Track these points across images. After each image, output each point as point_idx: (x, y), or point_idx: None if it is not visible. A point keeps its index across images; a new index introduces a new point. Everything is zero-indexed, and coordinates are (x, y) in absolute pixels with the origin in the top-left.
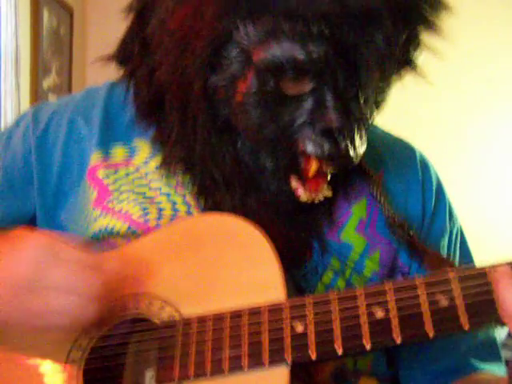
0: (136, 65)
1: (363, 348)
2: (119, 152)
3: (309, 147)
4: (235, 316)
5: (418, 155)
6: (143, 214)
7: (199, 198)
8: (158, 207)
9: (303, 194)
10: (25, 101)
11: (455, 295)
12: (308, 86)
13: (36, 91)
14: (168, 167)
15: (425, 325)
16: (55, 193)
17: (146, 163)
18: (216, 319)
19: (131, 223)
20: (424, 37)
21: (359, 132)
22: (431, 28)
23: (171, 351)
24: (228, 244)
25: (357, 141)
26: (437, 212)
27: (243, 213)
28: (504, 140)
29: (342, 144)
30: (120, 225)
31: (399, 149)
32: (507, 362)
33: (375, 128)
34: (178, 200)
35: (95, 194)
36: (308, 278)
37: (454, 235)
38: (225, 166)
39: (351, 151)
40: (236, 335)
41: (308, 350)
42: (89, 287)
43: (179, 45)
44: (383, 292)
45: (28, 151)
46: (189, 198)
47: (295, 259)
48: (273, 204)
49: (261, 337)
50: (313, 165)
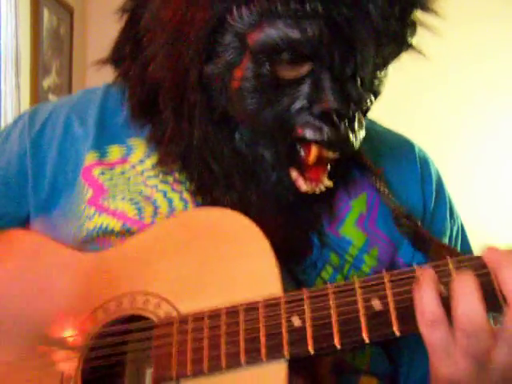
0: (128, 65)
1: (362, 341)
2: (115, 152)
3: (307, 132)
4: (231, 312)
5: (418, 151)
6: (138, 213)
7: (197, 195)
8: (154, 205)
9: (303, 185)
10: (25, 101)
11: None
12: (304, 70)
13: (36, 91)
14: (164, 165)
15: None
16: (49, 192)
17: (142, 162)
18: (212, 316)
19: (126, 221)
20: (418, 14)
21: (357, 116)
22: (425, 6)
23: (168, 349)
24: (223, 238)
25: (356, 124)
26: (437, 208)
27: (243, 208)
28: (500, 136)
29: (341, 127)
30: (114, 223)
31: (398, 145)
32: None
33: (374, 124)
34: (175, 197)
35: (90, 193)
36: (307, 273)
37: (455, 232)
38: (223, 159)
39: (350, 135)
40: (233, 331)
41: (306, 345)
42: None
43: (173, 35)
44: (381, 284)
45: (24, 151)
46: (186, 195)
47: (295, 254)
48: (273, 196)
49: (258, 332)
50: (312, 151)
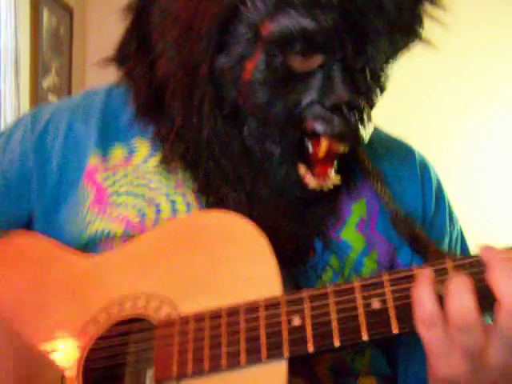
0: (134, 64)
1: (360, 339)
2: (118, 152)
3: (318, 126)
4: (232, 312)
5: (418, 156)
6: (140, 219)
7: (200, 196)
8: (157, 209)
9: (311, 181)
10: (24, 101)
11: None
12: (316, 62)
13: (36, 91)
14: (168, 165)
15: None
16: (54, 194)
17: (145, 162)
18: (213, 316)
19: (127, 226)
20: (428, 7)
21: (366, 109)
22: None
23: (169, 350)
24: (224, 240)
25: (365, 117)
26: (437, 213)
27: (249, 207)
28: (499, 138)
29: (352, 119)
30: (116, 227)
31: (398, 150)
32: None
33: (376, 129)
34: (178, 199)
35: (92, 196)
36: (308, 276)
37: (454, 238)
38: (233, 154)
39: (360, 127)
40: (233, 331)
41: (306, 343)
42: None
43: (184, 28)
44: (380, 283)
45: (26, 153)
46: (189, 197)
47: (299, 256)
48: (281, 193)
49: (258, 332)
50: (323, 144)
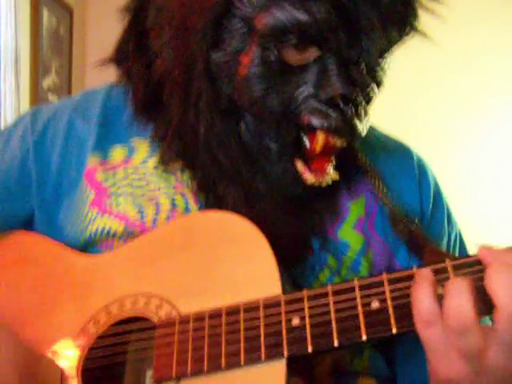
0: (132, 63)
1: (359, 339)
2: (118, 153)
3: (314, 119)
4: (231, 312)
5: (415, 157)
6: (140, 216)
7: (199, 194)
8: (156, 207)
9: (309, 176)
10: (25, 101)
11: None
12: (311, 55)
13: (36, 91)
14: (166, 165)
15: None
16: (54, 194)
17: (145, 162)
18: (212, 316)
19: (127, 224)
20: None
21: (363, 103)
22: None
23: (169, 349)
24: (223, 240)
25: (361, 111)
26: (435, 214)
27: (247, 204)
28: (498, 138)
29: (348, 112)
30: (117, 225)
31: (396, 150)
32: None
33: (372, 129)
34: (177, 198)
35: (93, 196)
36: (305, 276)
37: (453, 239)
38: (230, 149)
39: (356, 120)
40: (233, 331)
41: (305, 343)
42: None
43: (180, 26)
44: (379, 283)
45: (26, 153)
46: (188, 196)
47: (296, 256)
48: (278, 190)
49: (257, 332)
50: (319, 139)
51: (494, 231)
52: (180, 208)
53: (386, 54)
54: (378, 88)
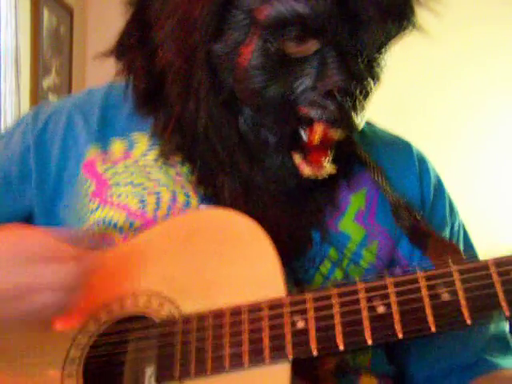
0: (133, 56)
1: (365, 343)
2: (117, 146)
3: (312, 111)
4: (235, 313)
5: (415, 151)
6: (141, 206)
7: (198, 187)
8: (157, 197)
9: (306, 169)
10: (25, 101)
11: (457, 289)
12: (311, 47)
13: (36, 91)
14: (166, 158)
15: (426, 319)
16: (54, 188)
17: (145, 155)
18: (216, 316)
19: (129, 214)
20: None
21: (360, 96)
22: None
23: (171, 349)
24: (227, 240)
25: (359, 104)
26: (436, 205)
27: (244, 196)
28: (500, 138)
29: (346, 104)
30: (117, 216)
31: (395, 144)
32: None
33: (371, 126)
34: (177, 190)
35: (93, 187)
36: (306, 268)
37: (456, 229)
38: (229, 140)
39: (354, 113)
40: (236, 332)
41: (309, 346)
42: (60, 279)
43: (182, 16)
44: (384, 286)
45: (26, 148)
46: (188, 189)
47: (296, 248)
48: (276, 183)
49: (261, 333)
50: (317, 130)
51: (496, 229)
52: (180, 200)
53: (385, 49)
54: (376, 83)
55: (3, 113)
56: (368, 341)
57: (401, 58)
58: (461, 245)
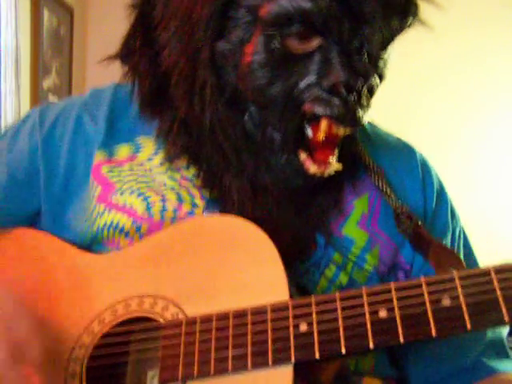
0: (138, 58)
1: (367, 347)
2: (124, 150)
3: (317, 107)
4: (239, 315)
5: (418, 156)
6: (147, 209)
7: (204, 190)
8: (163, 200)
9: (312, 166)
10: (25, 101)
11: (458, 294)
12: (313, 44)
13: (36, 91)
14: (172, 161)
15: (428, 324)
16: (62, 190)
17: (151, 159)
18: (220, 318)
19: (135, 218)
20: None
21: (364, 92)
22: None
23: (175, 350)
24: (232, 245)
25: (363, 100)
26: (438, 210)
27: (252, 196)
28: (500, 138)
29: (350, 100)
30: (125, 220)
31: (399, 148)
32: None
33: (375, 127)
34: (183, 194)
35: (99, 190)
36: (311, 273)
37: (457, 234)
38: (235, 139)
39: (358, 109)
40: (240, 334)
41: (312, 349)
42: None
43: (185, 16)
44: (387, 291)
45: (34, 148)
46: (193, 192)
47: (301, 251)
48: (282, 181)
49: (265, 336)
50: (322, 126)
51: (495, 231)
52: (186, 203)
53: (388, 45)
54: (380, 80)
55: (3, 113)
56: (370, 345)
57: (401, 58)
58: (461, 250)
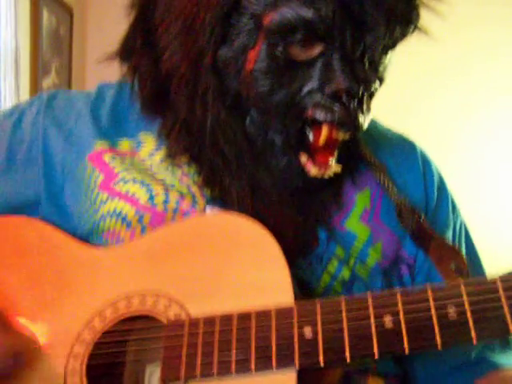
0: (139, 58)
1: (371, 356)
2: (125, 144)
3: (318, 113)
4: (243, 318)
5: (419, 150)
6: (150, 198)
7: (205, 188)
8: (166, 195)
9: (312, 169)
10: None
11: (465, 308)
12: (316, 51)
13: (36, 91)
14: (173, 158)
15: (433, 336)
16: (61, 179)
17: (152, 155)
18: (223, 320)
19: (138, 207)
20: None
21: (365, 98)
22: None
23: (178, 350)
24: (236, 244)
25: (364, 105)
26: (440, 204)
27: (252, 197)
28: (500, 137)
29: (351, 106)
30: (128, 208)
31: (399, 143)
32: None
33: (375, 123)
34: (184, 191)
35: (101, 178)
36: (313, 268)
37: (458, 227)
38: (236, 143)
39: (360, 115)
40: (244, 338)
41: (316, 356)
42: None
43: (187, 21)
44: (393, 298)
45: (36, 135)
46: (194, 189)
47: (303, 247)
48: (283, 183)
49: (269, 340)
50: (323, 132)
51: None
52: (186, 200)
53: (389, 51)
54: (380, 84)
55: None
56: (375, 354)
57: (401, 59)
58: (463, 243)
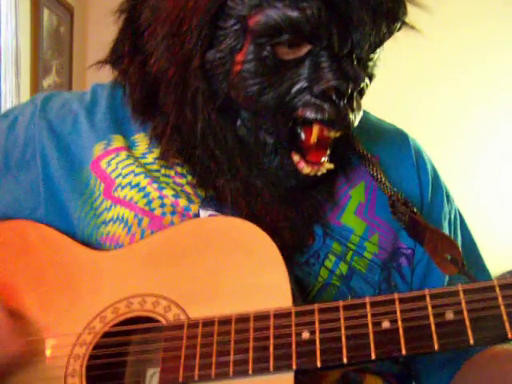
0: (128, 63)
1: (368, 357)
2: (120, 140)
3: (308, 112)
4: (241, 320)
5: (412, 142)
6: (147, 202)
7: (199, 189)
8: (161, 200)
9: (305, 168)
10: (25, 101)
11: (462, 309)
12: (304, 50)
13: (36, 91)
14: (166, 160)
15: (430, 337)
16: (58, 183)
17: (145, 156)
18: (222, 322)
19: (136, 211)
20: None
21: (355, 95)
22: None
23: (176, 352)
24: (235, 247)
25: (354, 103)
26: (435, 194)
27: (245, 197)
28: (500, 136)
29: (341, 104)
30: (128, 212)
31: (392, 134)
32: None
33: (368, 115)
34: (177, 189)
35: (103, 186)
36: (310, 264)
37: (453, 216)
38: (227, 145)
39: (350, 113)
40: (242, 339)
41: (314, 358)
42: None
43: (174, 25)
44: (391, 302)
45: (32, 137)
46: (188, 189)
47: (299, 244)
48: (276, 182)
49: (267, 342)
50: (314, 131)
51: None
52: (182, 200)
53: (378, 49)
54: (370, 81)
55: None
56: (372, 356)
57: (399, 57)
58: (458, 231)
